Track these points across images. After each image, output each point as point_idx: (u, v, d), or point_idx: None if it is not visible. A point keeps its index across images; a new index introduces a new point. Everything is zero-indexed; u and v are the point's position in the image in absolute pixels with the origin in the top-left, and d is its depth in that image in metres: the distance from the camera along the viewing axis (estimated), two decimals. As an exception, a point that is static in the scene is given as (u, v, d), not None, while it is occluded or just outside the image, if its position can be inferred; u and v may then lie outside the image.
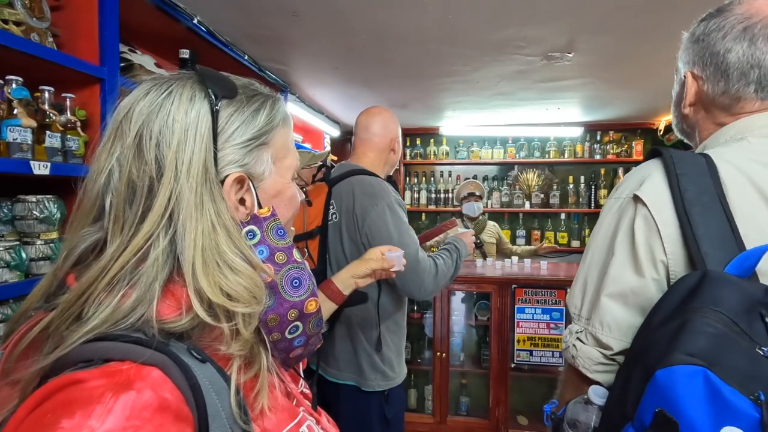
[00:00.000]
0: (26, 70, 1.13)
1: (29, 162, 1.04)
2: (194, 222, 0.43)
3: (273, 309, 0.49)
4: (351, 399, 1.40)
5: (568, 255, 4.16)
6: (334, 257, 1.40)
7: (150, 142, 0.44)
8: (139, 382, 0.37)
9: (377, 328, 1.36)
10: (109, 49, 1.31)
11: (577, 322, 0.65)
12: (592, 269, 0.65)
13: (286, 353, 0.53)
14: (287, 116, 0.56)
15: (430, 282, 1.29)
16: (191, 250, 0.43)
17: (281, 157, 0.54)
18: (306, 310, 0.51)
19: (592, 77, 2.54)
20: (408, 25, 1.82)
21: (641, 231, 0.58)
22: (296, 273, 0.51)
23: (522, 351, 2.50)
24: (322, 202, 1.42)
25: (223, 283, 0.43)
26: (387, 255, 1.00)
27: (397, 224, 1.29)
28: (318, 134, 3.90)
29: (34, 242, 1.12)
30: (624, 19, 1.74)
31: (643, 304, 0.57)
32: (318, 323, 0.54)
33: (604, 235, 0.65)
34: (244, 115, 0.50)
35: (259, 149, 0.50)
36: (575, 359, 0.63)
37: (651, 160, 0.64)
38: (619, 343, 0.58)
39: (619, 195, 0.65)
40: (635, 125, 4.03)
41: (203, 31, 1.82)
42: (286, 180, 0.55)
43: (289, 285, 0.50)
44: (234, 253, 0.45)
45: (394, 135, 1.48)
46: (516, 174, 4.29)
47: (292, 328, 0.51)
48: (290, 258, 0.51)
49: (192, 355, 0.41)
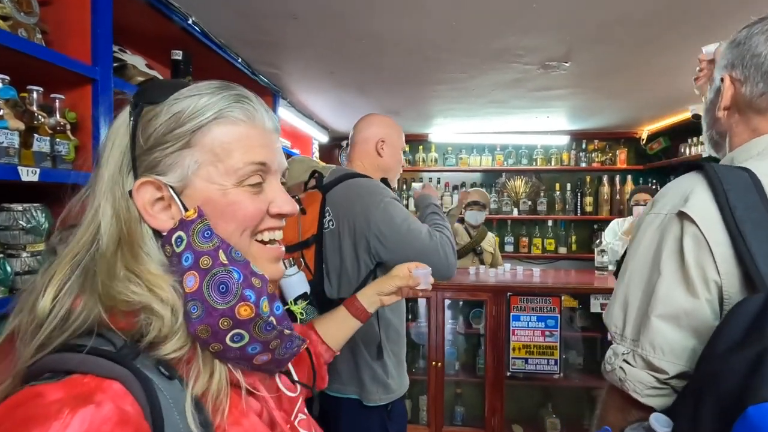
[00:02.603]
0: (12, 68, 1.04)
1: (17, 168, 0.96)
2: (107, 228, 0.46)
3: (201, 320, 0.44)
4: (352, 415, 1.35)
5: (555, 261, 4.22)
6: (331, 266, 1.35)
7: (101, 152, 0.49)
8: (99, 394, 0.37)
9: (378, 338, 1.32)
10: (102, 47, 1.23)
11: (620, 342, 0.63)
12: (633, 288, 0.63)
13: (246, 361, 0.48)
14: (228, 111, 0.49)
15: (450, 253, 1.26)
16: (98, 258, 0.45)
17: (214, 160, 0.48)
18: (239, 317, 0.44)
19: (583, 87, 2.57)
20: (409, 32, 1.80)
21: (691, 250, 0.56)
22: (223, 277, 0.45)
23: (517, 359, 2.49)
24: (317, 209, 1.37)
25: (119, 290, 0.43)
26: (414, 272, 0.96)
27: (403, 215, 1.26)
28: (306, 140, 3.84)
29: (19, 254, 1.03)
30: (622, 31, 1.76)
31: (697, 326, 0.55)
32: (266, 328, 0.46)
33: (644, 253, 0.62)
34: (164, 118, 0.47)
35: (180, 153, 0.47)
36: (624, 383, 0.60)
37: (690, 175, 0.63)
38: (674, 366, 0.56)
39: (658, 210, 0.63)
40: (619, 134, 4.13)
41: (197, 32, 1.75)
42: (219, 185, 0.48)
43: (215, 291, 0.44)
44: (125, 269, 0.44)
45: (380, 137, 1.44)
46: (504, 181, 4.33)
47: (234, 336, 0.45)
48: (215, 261, 0.45)
49: (159, 371, 0.41)
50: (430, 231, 1.26)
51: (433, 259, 1.21)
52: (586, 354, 2.67)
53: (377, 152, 1.45)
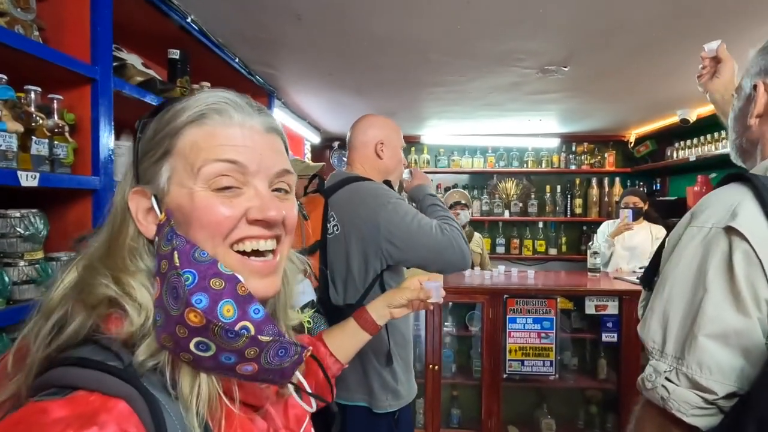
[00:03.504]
0: (8, 67, 0.99)
1: (16, 172, 0.91)
2: (108, 236, 0.48)
3: (163, 328, 0.42)
4: (359, 423, 1.33)
5: (545, 262, 4.27)
6: (337, 272, 1.33)
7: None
8: (103, 415, 0.36)
9: (387, 344, 1.30)
10: (102, 46, 1.18)
11: (661, 359, 0.61)
12: (674, 303, 0.61)
13: (227, 371, 0.43)
14: (203, 113, 0.47)
15: (463, 244, 1.24)
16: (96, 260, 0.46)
17: (185, 164, 0.46)
18: (191, 323, 0.40)
19: (578, 90, 2.60)
20: (412, 34, 1.79)
21: (742, 267, 0.54)
22: (174, 281, 0.42)
23: (514, 361, 2.50)
24: (320, 215, 1.35)
25: (96, 291, 0.43)
26: (425, 285, 0.94)
27: (411, 214, 1.25)
28: (298, 140, 3.79)
29: (16, 263, 0.97)
30: (622, 36, 1.79)
31: (747, 345, 0.54)
32: (227, 334, 0.41)
33: (686, 267, 0.60)
34: (151, 129, 0.49)
35: (161, 160, 0.47)
36: (666, 401, 0.58)
37: (733, 186, 0.61)
38: (723, 387, 0.55)
39: (701, 224, 0.61)
40: (608, 137, 4.20)
41: (195, 30, 1.70)
42: (188, 189, 0.45)
43: (171, 297, 0.41)
44: (105, 274, 0.44)
45: (378, 140, 1.42)
46: (495, 183, 4.36)
47: (198, 344, 0.41)
48: (171, 264, 0.42)
49: (166, 390, 0.41)
50: (440, 225, 1.24)
51: (447, 254, 1.21)
52: (580, 355, 2.70)
53: (377, 155, 1.42)
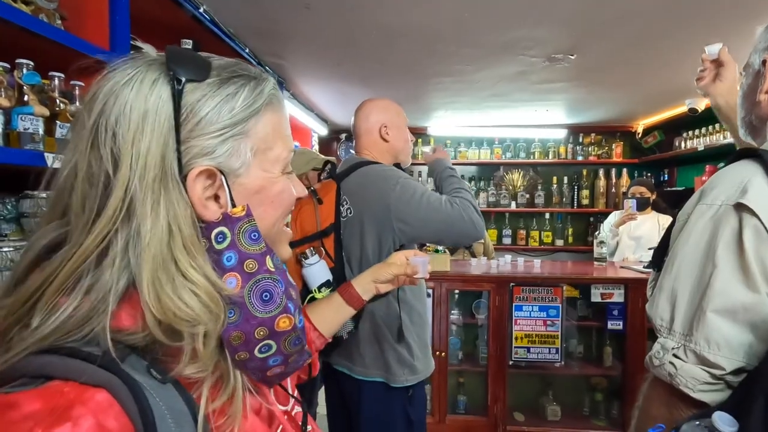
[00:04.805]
0: (33, 54, 1.03)
1: (43, 154, 0.95)
2: (149, 224, 0.39)
3: (237, 325, 0.42)
4: (374, 398, 1.37)
5: (552, 254, 4.28)
6: (352, 253, 1.37)
7: (106, 134, 0.39)
8: (78, 407, 0.32)
9: (398, 320, 1.34)
10: (120, 34, 1.22)
11: (668, 336, 0.61)
12: (682, 280, 0.61)
13: (261, 372, 0.46)
14: (275, 100, 0.48)
15: (474, 214, 1.25)
16: (141, 257, 0.38)
17: (265, 148, 0.47)
18: (277, 328, 0.43)
19: (585, 80, 2.61)
20: (420, 24, 1.81)
21: (751, 243, 0.54)
22: (267, 285, 0.43)
23: (519, 348, 2.53)
24: (333, 198, 1.38)
25: (172, 297, 0.38)
26: (412, 260, 0.94)
27: (420, 191, 1.27)
28: (306, 132, 3.82)
29: (43, 242, 1.02)
30: (630, 24, 1.79)
31: (755, 321, 0.54)
32: (295, 342, 0.45)
33: (695, 244, 0.60)
34: (215, 100, 0.43)
35: (236, 139, 0.44)
36: (674, 377, 0.59)
37: (743, 163, 0.60)
38: (730, 362, 0.55)
39: (711, 201, 0.60)
40: (615, 128, 4.18)
41: (207, 20, 1.73)
42: (271, 174, 0.47)
43: (258, 299, 0.42)
44: (189, 264, 0.40)
45: (381, 123, 1.43)
46: (502, 174, 4.36)
47: (262, 347, 0.43)
48: (261, 267, 0.43)
49: (151, 374, 0.37)
50: (449, 199, 1.27)
51: (459, 226, 1.23)
52: (585, 343, 2.73)
53: (383, 138, 1.44)
